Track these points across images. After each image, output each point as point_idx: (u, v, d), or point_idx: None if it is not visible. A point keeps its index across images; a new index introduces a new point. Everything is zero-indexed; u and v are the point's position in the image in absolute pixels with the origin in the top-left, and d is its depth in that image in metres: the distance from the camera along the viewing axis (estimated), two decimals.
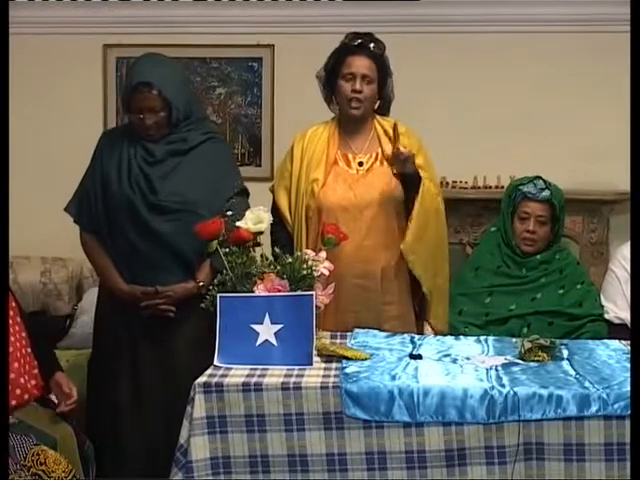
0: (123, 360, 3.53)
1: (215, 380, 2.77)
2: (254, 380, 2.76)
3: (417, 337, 3.35)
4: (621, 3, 4.70)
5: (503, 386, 2.72)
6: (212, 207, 3.45)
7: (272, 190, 3.69)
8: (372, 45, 3.53)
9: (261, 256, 3.15)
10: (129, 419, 3.52)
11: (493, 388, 2.70)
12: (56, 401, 3.28)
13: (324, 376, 2.81)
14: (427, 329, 3.64)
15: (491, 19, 5.23)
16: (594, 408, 2.65)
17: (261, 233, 3.18)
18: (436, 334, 3.55)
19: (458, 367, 2.93)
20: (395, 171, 3.54)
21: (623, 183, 5.05)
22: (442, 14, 5.24)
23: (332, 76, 3.57)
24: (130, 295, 3.49)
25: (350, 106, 3.55)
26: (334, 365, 2.92)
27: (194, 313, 3.35)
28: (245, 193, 3.65)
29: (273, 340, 2.94)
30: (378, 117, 3.63)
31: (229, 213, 3.40)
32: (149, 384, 3.51)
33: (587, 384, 2.74)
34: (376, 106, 3.63)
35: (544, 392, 2.67)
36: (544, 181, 3.76)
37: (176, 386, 3.31)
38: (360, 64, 3.52)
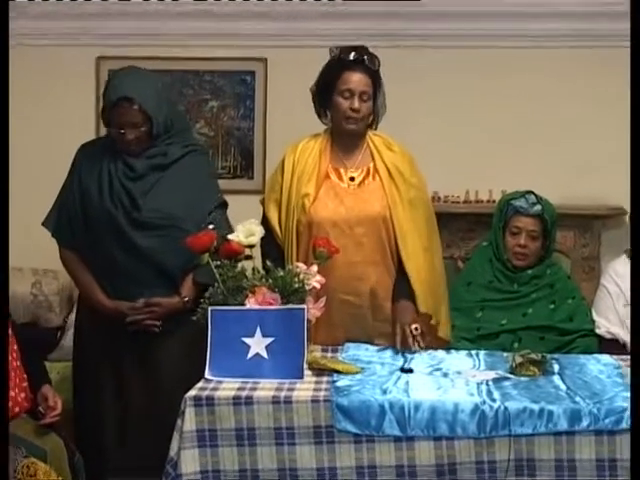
0: (107, 375, 3.51)
1: (206, 393, 2.76)
2: (245, 393, 2.76)
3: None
4: (616, 18, 4.72)
5: (494, 401, 2.71)
6: (194, 221, 3.44)
7: (262, 202, 3.66)
8: (367, 59, 3.47)
9: (253, 269, 3.14)
10: (116, 433, 3.51)
11: (484, 403, 2.70)
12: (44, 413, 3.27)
13: (315, 390, 2.81)
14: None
15: (484, 34, 5.23)
16: (585, 423, 2.65)
17: (252, 246, 3.18)
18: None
19: (449, 381, 2.93)
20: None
21: (615, 198, 5.08)
22: (435, 28, 5.25)
23: (325, 90, 3.53)
24: (115, 311, 3.46)
25: (347, 122, 3.49)
26: (325, 379, 2.91)
27: (179, 328, 3.36)
28: (224, 206, 3.64)
29: (264, 353, 2.94)
30: (370, 132, 3.59)
31: (211, 227, 3.39)
32: (136, 398, 3.48)
33: (578, 399, 2.74)
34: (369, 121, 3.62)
35: (535, 407, 2.67)
36: (536, 196, 3.76)
37: (163, 400, 3.30)
38: (358, 80, 3.45)
